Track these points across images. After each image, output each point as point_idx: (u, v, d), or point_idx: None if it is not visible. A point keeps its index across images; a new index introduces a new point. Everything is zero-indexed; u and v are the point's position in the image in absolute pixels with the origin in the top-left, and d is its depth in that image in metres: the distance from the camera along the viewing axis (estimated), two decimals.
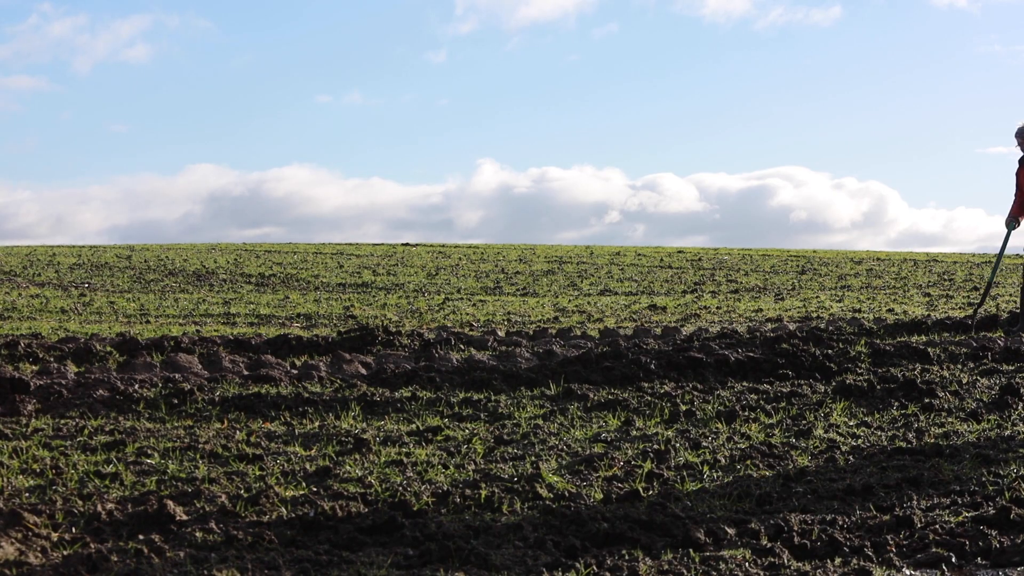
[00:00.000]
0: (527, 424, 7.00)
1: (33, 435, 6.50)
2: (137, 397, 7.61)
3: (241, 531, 4.51)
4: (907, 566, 4.27)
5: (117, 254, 30.25)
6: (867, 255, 33.89)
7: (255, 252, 32.49)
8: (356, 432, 6.67)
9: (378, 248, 35.52)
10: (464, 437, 6.61)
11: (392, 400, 7.69)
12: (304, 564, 4.20)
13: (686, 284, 23.73)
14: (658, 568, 4.23)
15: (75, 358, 9.58)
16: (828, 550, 4.47)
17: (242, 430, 6.76)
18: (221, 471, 5.64)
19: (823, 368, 8.90)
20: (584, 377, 8.52)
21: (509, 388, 8.26)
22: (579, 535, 4.58)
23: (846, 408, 7.43)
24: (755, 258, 31.43)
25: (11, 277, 22.85)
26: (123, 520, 4.65)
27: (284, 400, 7.57)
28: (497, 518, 4.83)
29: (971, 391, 8.01)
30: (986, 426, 6.82)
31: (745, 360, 8.94)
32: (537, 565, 4.22)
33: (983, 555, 4.38)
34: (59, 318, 15.06)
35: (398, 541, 4.49)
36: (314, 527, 4.63)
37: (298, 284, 22.65)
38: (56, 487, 5.23)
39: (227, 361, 9.49)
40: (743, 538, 4.60)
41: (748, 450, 6.14)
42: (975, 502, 5.02)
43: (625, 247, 38.31)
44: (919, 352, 9.50)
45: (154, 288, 21.45)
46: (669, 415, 7.26)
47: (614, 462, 5.87)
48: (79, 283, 22.03)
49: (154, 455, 6.00)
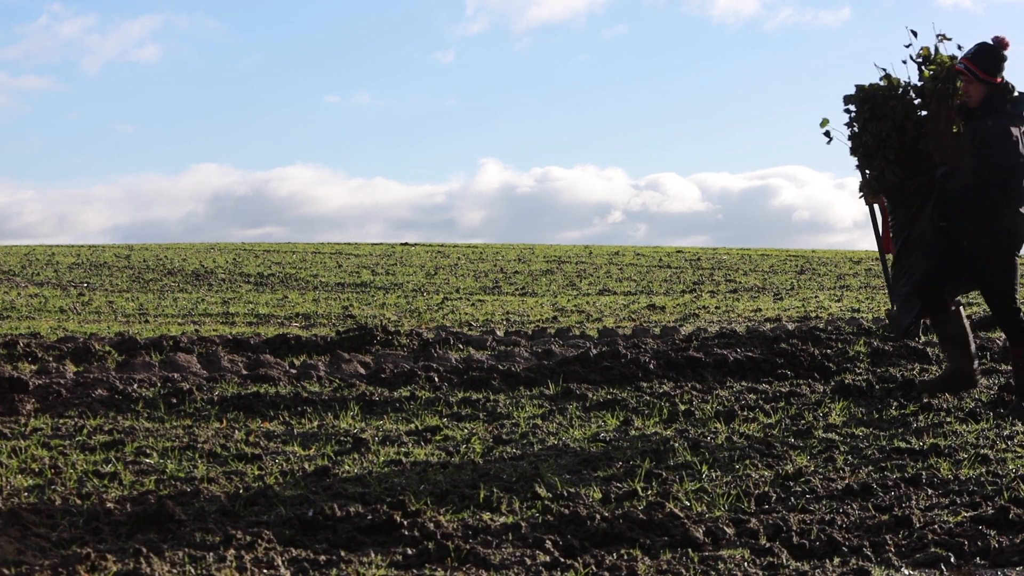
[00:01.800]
0: (526, 424, 7.00)
1: (32, 434, 6.49)
2: (136, 397, 7.61)
3: (240, 530, 4.51)
4: (906, 566, 4.27)
5: (116, 254, 30.24)
6: (866, 255, 33.90)
7: (254, 252, 32.49)
8: (355, 432, 6.68)
9: (377, 248, 35.52)
10: (463, 437, 6.61)
11: (391, 400, 7.69)
12: (303, 564, 4.20)
13: (685, 284, 23.73)
14: (657, 568, 4.23)
15: (74, 358, 9.58)
16: (827, 550, 4.47)
17: (241, 430, 6.76)
18: (220, 471, 5.64)
19: (822, 368, 8.90)
20: (583, 377, 8.52)
21: (508, 388, 8.26)
22: (578, 535, 4.58)
23: (845, 408, 7.43)
24: (754, 258, 31.44)
25: (10, 277, 22.84)
26: (122, 520, 4.65)
27: (283, 400, 7.57)
28: (496, 518, 4.83)
29: (970, 391, 8.00)
30: (985, 426, 6.82)
31: (744, 360, 8.94)
32: (536, 565, 4.22)
33: (982, 555, 4.38)
34: (58, 318, 15.06)
35: (396, 541, 4.49)
36: (313, 527, 4.63)
37: (297, 284, 22.65)
38: (55, 486, 5.23)
39: (226, 361, 9.49)
40: (742, 538, 4.60)
41: (747, 450, 6.14)
42: (974, 502, 5.02)
43: (624, 247, 38.33)
44: (918, 352, 9.50)
45: (153, 288, 21.45)
46: (668, 415, 7.26)
47: (613, 462, 5.87)
48: (78, 283, 22.02)
49: (153, 455, 6.00)
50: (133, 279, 23.19)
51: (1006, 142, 7.23)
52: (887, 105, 7.64)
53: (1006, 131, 7.24)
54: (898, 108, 7.62)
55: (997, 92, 7.37)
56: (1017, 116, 7.39)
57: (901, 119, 7.61)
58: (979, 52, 7.39)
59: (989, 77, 7.35)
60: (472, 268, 27.42)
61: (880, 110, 7.65)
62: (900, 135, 7.60)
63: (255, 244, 38.08)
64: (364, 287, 22.10)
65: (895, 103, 7.64)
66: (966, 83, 7.39)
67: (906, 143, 7.59)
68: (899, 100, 7.64)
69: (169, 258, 28.82)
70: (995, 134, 7.24)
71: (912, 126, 7.60)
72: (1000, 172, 7.21)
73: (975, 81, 7.36)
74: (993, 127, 7.26)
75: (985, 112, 7.34)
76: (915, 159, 7.59)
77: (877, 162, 7.63)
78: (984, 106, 7.36)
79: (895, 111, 7.62)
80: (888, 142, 7.59)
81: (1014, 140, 7.26)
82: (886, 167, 7.60)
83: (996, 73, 7.37)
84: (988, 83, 7.35)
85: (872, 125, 7.64)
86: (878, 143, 7.61)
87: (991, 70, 7.36)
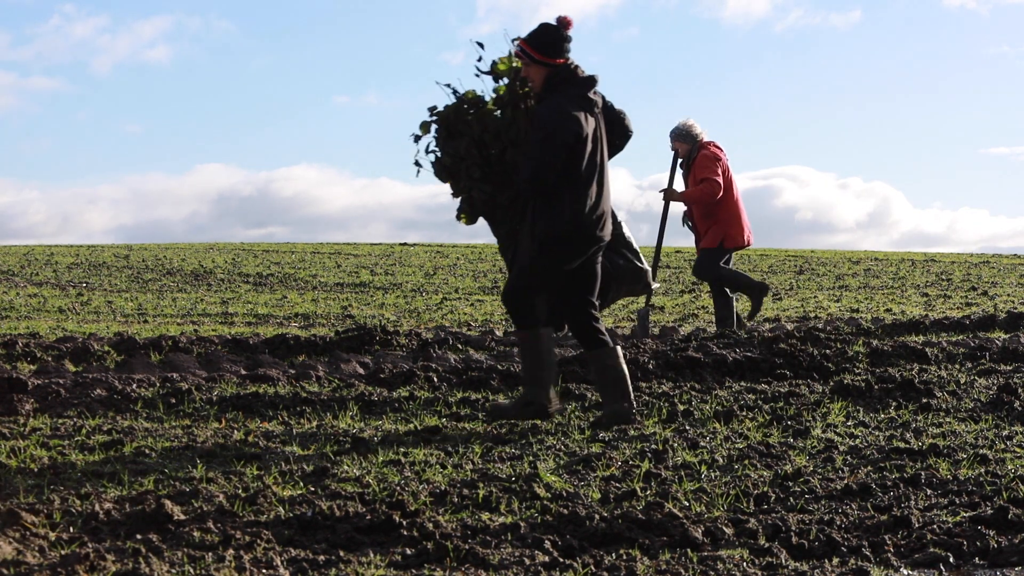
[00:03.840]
0: (525, 424, 6.99)
1: (31, 434, 6.49)
2: (135, 397, 7.61)
3: (239, 531, 4.51)
4: (905, 566, 4.28)
5: (115, 253, 30.23)
6: (865, 255, 33.90)
7: (253, 252, 32.48)
8: (354, 432, 6.68)
9: (376, 248, 35.52)
10: (462, 437, 6.61)
11: (390, 400, 7.69)
12: (301, 564, 4.20)
13: (684, 284, 23.73)
14: (656, 568, 4.23)
15: (73, 357, 9.58)
16: (826, 550, 4.47)
17: (240, 430, 6.76)
18: (219, 471, 5.64)
19: (821, 368, 8.90)
20: (582, 377, 8.52)
21: (507, 388, 8.27)
22: (577, 535, 4.58)
23: (844, 408, 7.43)
24: (753, 258, 31.44)
25: (9, 276, 22.84)
26: (121, 520, 4.65)
27: (282, 400, 7.57)
28: (495, 518, 4.83)
29: (969, 391, 8.01)
30: (984, 426, 6.82)
31: (743, 360, 8.95)
32: (535, 565, 4.22)
33: (981, 555, 4.38)
34: (57, 317, 15.06)
35: (395, 541, 4.49)
36: (312, 527, 4.63)
37: (296, 284, 22.65)
38: (54, 486, 5.22)
39: (225, 361, 9.49)
40: (741, 538, 4.60)
41: (746, 450, 6.14)
42: (973, 502, 5.02)
43: None
44: (917, 352, 9.51)
45: (152, 288, 21.45)
46: (667, 415, 7.27)
47: (612, 462, 5.87)
48: (77, 282, 22.02)
49: (152, 454, 6.00)
50: (132, 279, 23.18)
51: (564, 123, 6.76)
52: (462, 121, 7.18)
53: (563, 112, 6.79)
54: (473, 123, 7.16)
55: (559, 74, 6.91)
56: (582, 99, 6.91)
57: (479, 133, 7.14)
58: (536, 33, 6.94)
59: (547, 59, 6.90)
60: (471, 268, 27.42)
61: (455, 128, 7.19)
62: (481, 149, 7.15)
63: (254, 244, 38.07)
64: (363, 287, 22.10)
65: (469, 118, 7.17)
66: (525, 67, 6.97)
67: (491, 157, 7.14)
68: (473, 114, 7.18)
69: (168, 258, 28.81)
70: (549, 116, 6.81)
71: (492, 138, 7.14)
72: (557, 155, 6.76)
73: (533, 64, 6.93)
74: (546, 109, 6.83)
75: (547, 95, 6.92)
76: (504, 172, 7.14)
77: (463, 182, 7.17)
78: (546, 89, 6.92)
79: (471, 126, 7.16)
80: (469, 159, 7.14)
81: (573, 121, 6.79)
82: (473, 185, 7.16)
83: (556, 54, 6.90)
84: (548, 65, 6.90)
85: (449, 145, 7.19)
86: (457, 162, 7.16)
87: (550, 51, 6.89)
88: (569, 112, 6.83)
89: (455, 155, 7.15)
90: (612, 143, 7.21)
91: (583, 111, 6.90)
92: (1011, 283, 22.58)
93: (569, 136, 6.80)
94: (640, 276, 7.76)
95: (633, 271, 7.73)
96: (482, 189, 7.13)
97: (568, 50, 6.98)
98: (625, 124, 7.24)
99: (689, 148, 12.04)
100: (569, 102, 6.87)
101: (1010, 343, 10.20)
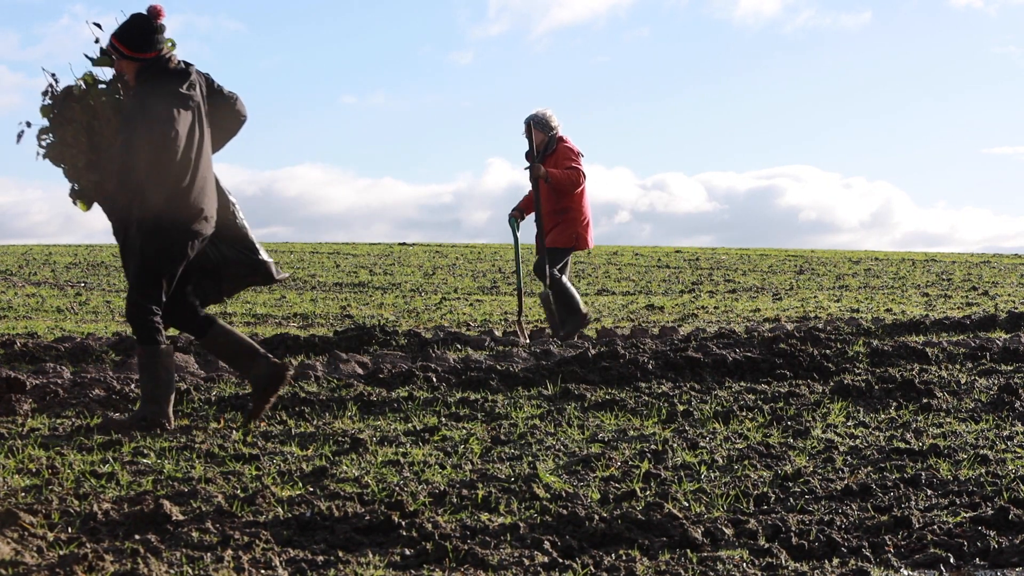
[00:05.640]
0: (524, 424, 6.98)
1: (29, 435, 6.48)
2: (133, 397, 7.60)
3: (237, 531, 4.50)
4: (905, 566, 4.27)
5: (113, 253, 30.19)
6: (865, 255, 33.91)
7: None
8: (353, 432, 6.66)
9: (375, 248, 35.50)
10: (461, 437, 6.59)
11: (389, 400, 7.67)
12: (300, 564, 4.19)
13: (684, 284, 23.73)
14: (655, 568, 4.22)
15: (71, 357, 9.57)
16: (826, 550, 4.46)
17: (238, 430, 6.74)
18: (217, 471, 5.63)
19: (821, 368, 8.89)
20: (581, 377, 8.50)
21: (506, 388, 8.25)
22: (576, 535, 4.57)
23: (844, 408, 7.42)
24: (753, 258, 31.44)
25: (7, 276, 22.82)
26: (119, 520, 4.64)
27: (280, 400, 7.55)
28: (494, 518, 4.82)
29: (969, 391, 8.00)
30: (985, 426, 6.81)
31: (743, 360, 8.93)
32: (534, 565, 4.22)
33: (981, 555, 4.38)
34: (55, 317, 15.05)
35: (394, 541, 4.48)
36: (310, 527, 4.62)
37: (295, 283, 22.63)
38: (52, 487, 5.21)
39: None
40: (741, 538, 4.59)
41: (746, 450, 6.13)
42: (973, 502, 5.01)
43: (622, 246, 38.31)
44: (917, 352, 9.50)
45: None
46: (666, 415, 7.25)
47: (611, 462, 5.86)
48: (75, 282, 22.00)
49: (150, 455, 5.99)
50: None
51: (147, 124, 6.57)
52: (71, 108, 6.96)
53: (148, 111, 6.59)
54: (80, 111, 6.94)
55: (150, 68, 6.69)
56: (175, 94, 6.66)
57: (89, 120, 6.93)
58: (126, 27, 6.70)
59: (138, 53, 6.66)
60: (470, 268, 27.41)
61: (65, 113, 6.97)
62: (91, 137, 6.94)
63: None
64: (362, 287, 22.09)
65: (77, 106, 6.95)
66: (117, 61, 6.76)
67: (101, 146, 6.92)
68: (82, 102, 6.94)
69: None
70: (132, 116, 6.64)
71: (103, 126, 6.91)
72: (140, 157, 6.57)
73: (124, 59, 6.68)
74: (132, 109, 6.65)
75: (139, 89, 6.69)
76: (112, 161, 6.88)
77: (70, 168, 6.97)
78: (139, 83, 6.69)
79: (81, 114, 6.94)
80: (77, 147, 6.94)
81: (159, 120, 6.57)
82: (80, 174, 6.96)
83: (147, 48, 6.67)
84: (138, 59, 6.67)
85: (58, 131, 6.98)
86: (62, 149, 6.95)
87: (140, 46, 6.66)
88: (156, 111, 6.62)
89: (61, 140, 6.96)
90: (227, 128, 7.01)
91: (174, 107, 6.65)
92: (1012, 283, 22.58)
93: (155, 136, 6.57)
94: (256, 268, 7.49)
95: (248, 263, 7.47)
96: (88, 177, 6.95)
97: (160, 42, 6.71)
98: (237, 109, 7.01)
99: (545, 139, 11.79)
100: (159, 99, 6.64)
101: (1011, 343, 10.19)
